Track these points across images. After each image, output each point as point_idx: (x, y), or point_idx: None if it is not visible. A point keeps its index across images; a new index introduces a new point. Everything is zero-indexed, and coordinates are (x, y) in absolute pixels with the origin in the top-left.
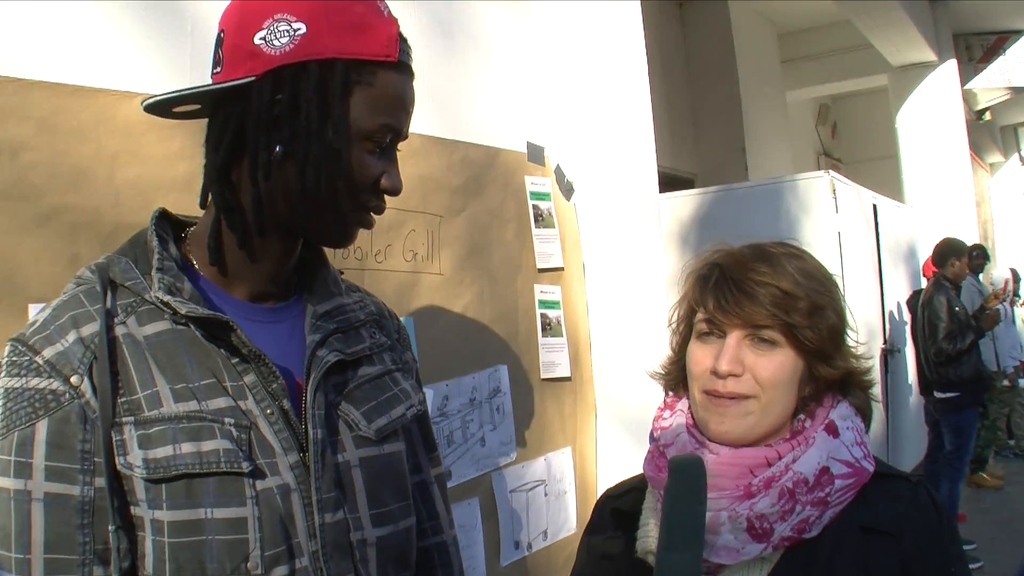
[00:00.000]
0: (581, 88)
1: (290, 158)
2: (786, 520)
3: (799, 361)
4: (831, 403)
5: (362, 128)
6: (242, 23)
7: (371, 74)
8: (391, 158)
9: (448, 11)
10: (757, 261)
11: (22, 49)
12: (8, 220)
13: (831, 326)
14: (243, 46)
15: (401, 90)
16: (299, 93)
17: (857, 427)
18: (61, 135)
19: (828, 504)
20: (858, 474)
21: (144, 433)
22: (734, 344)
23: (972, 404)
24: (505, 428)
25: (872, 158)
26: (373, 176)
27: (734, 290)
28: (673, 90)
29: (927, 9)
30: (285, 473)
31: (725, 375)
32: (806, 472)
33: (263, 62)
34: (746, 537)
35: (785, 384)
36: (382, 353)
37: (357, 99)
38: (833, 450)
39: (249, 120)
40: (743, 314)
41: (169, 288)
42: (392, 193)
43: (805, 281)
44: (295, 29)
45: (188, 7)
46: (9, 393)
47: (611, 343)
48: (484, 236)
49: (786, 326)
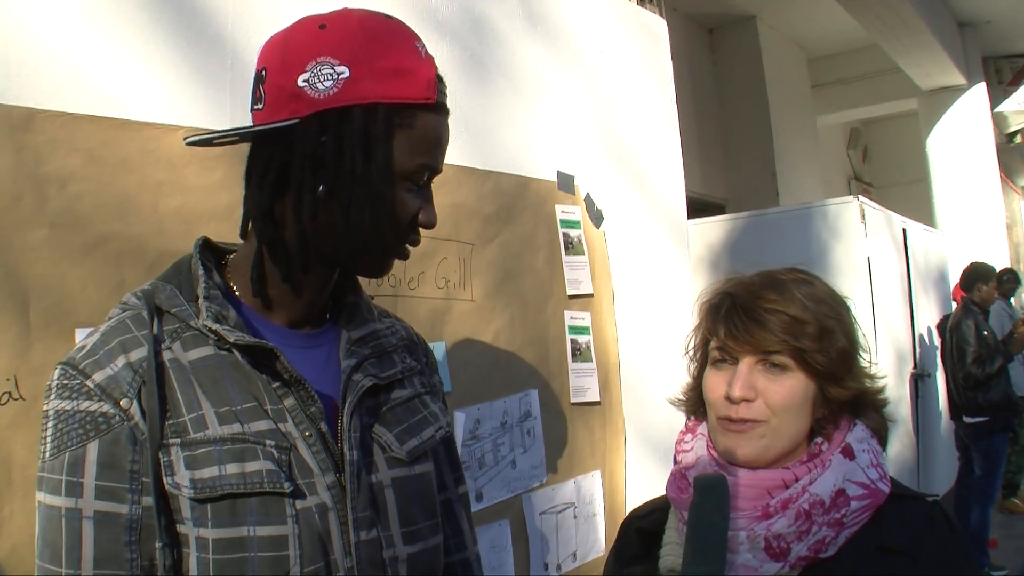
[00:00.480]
0: (611, 117)
1: (334, 198)
2: (803, 540)
3: (810, 384)
4: (848, 426)
5: (403, 169)
6: (285, 64)
7: (411, 117)
8: (427, 194)
9: (481, 44)
10: (766, 288)
11: (71, 84)
12: (57, 248)
13: (841, 348)
14: (286, 87)
15: (438, 130)
16: (343, 137)
17: (873, 449)
18: (107, 166)
19: (844, 525)
20: (874, 495)
21: (191, 454)
22: (746, 370)
23: (1002, 429)
24: (535, 451)
25: (903, 182)
26: (412, 213)
27: (744, 318)
28: (704, 116)
29: (956, 33)
30: (323, 493)
31: (738, 401)
32: (822, 494)
33: (307, 104)
34: (764, 556)
35: (797, 407)
36: (412, 377)
37: (398, 141)
38: (849, 472)
39: (294, 160)
40: (753, 341)
41: (216, 316)
42: (428, 227)
43: (814, 306)
44: (338, 73)
45: (228, 45)
46: (60, 415)
47: (640, 368)
48: (515, 263)
49: (796, 351)
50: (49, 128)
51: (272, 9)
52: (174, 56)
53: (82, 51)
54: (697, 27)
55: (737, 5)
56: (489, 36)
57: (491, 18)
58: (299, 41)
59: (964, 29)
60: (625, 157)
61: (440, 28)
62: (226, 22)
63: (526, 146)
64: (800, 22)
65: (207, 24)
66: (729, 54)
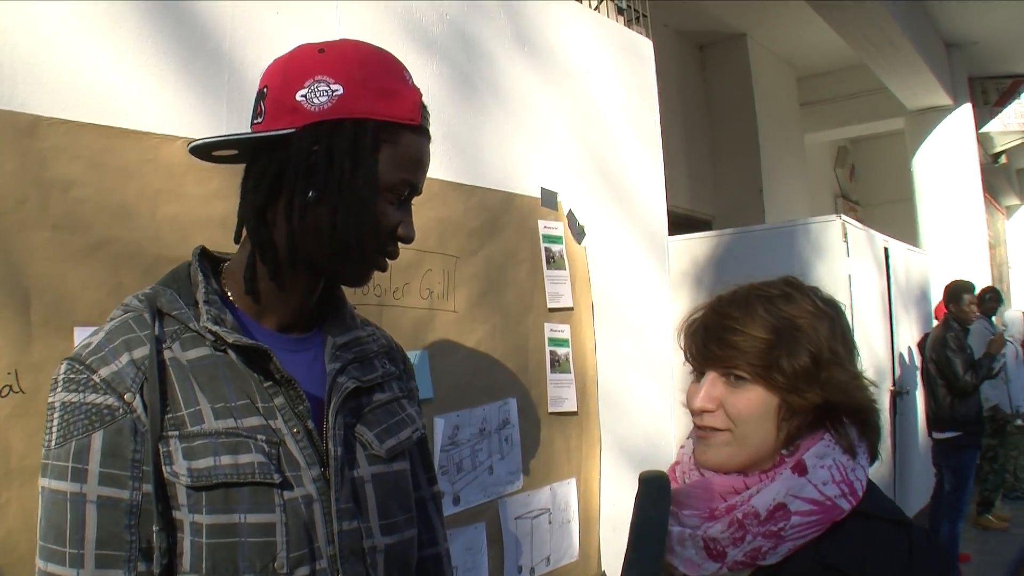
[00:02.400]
0: (595, 135)
1: (322, 202)
2: (737, 547)
3: (771, 396)
4: (815, 440)
5: (386, 181)
6: (285, 81)
7: (397, 134)
8: (407, 210)
9: (469, 62)
10: (731, 306)
11: (75, 93)
12: (58, 250)
13: (803, 364)
14: (285, 101)
15: (420, 151)
16: (334, 146)
17: (838, 464)
18: (108, 173)
19: (783, 538)
20: (826, 512)
21: (188, 446)
22: (708, 384)
23: (969, 445)
24: (513, 458)
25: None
26: (392, 224)
27: (705, 336)
28: (693, 132)
29: (943, 53)
30: (309, 485)
31: (698, 411)
32: (758, 507)
33: (303, 116)
34: (704, 555)
35: (757, 417)
36: (391, 381)
37: (384, 155)
38: (794, 488)
39: (288, 167)
40: (714, 357)
41: (216, 319)
42: (407, 241)
43: (775, 322)
44: (333, 90)
45: (226, 58)
46: (67, 406)
47: (618, 380)
48: (498, 276)
49: (751, 366)
50: (53, 135)
51: (269, 25)
52: (174, 68)
53: (86, 61)
54: (688, 44)
55: (727, 23)
56: (478, 55)
57: (480, 37)
58: (299, 62)
59: (951, 49)
60: (608, 174)
61: (430, 47)
62: (224, 36)
63: (511, 163)
64: (789, 41)
65: (206, 38)
66: (719, 71)
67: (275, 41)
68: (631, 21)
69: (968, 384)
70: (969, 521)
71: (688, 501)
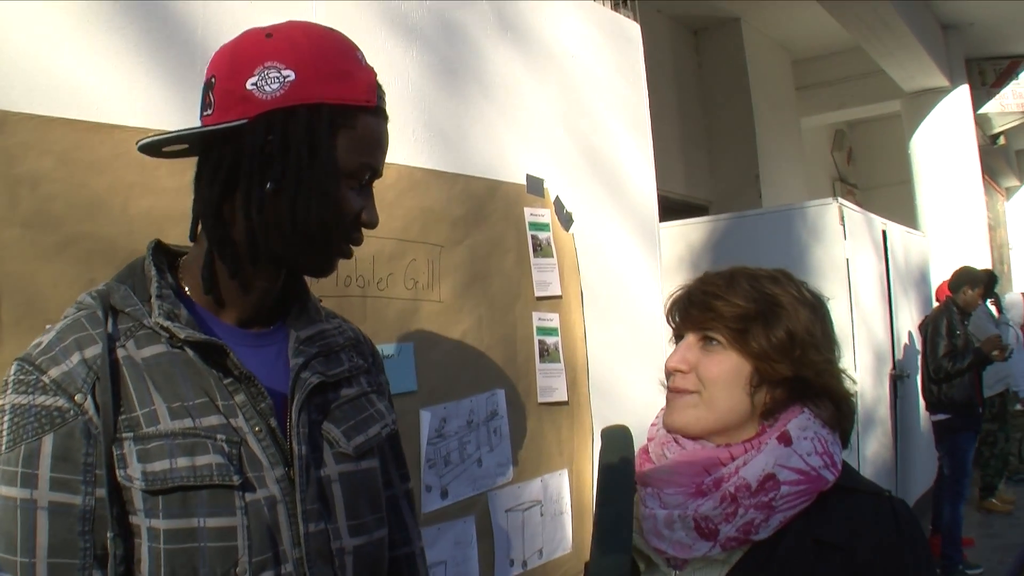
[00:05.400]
0: (583, 121)
1: (281, 193)
2: (730, 522)
3: (744, 363)
4: (795, 414)
5: (346, 167)
6: (233, 69)
7: (353, 117)
8: (369, 194)
9: (451, 48)
10: (718, 278)
11: (44, 87)
12: (29, 247)
13: (780, 337)
14: (235, 91)
15: (378, 132)
16: (289, 135)
17: (819, 436)
18: (79, 168)
19: (774, 509)
20: (812, 482)
21: (143, 448)
22: (684, 345)
23: (965, 428)
24: (502, 450)
25: (888, 183)
26: (355, 210)
27: (688, 301)
28: (688, 117)
29: (939, 35)
30: (272, 486)
31: (671, 371)
32: (749, 478)
33: (255, 106)
34: (695, 535)
35: (727, 381)
36: (359, 376)
37: (341, 140)
38: (782, 458)
39: (242, 159)
40: (692, 318)
41: (168, 314)
42: (370, 226)
43: (756, 294)
44: (284, 76)
45: (198, 50)
46: (16, 409)
47: (609, 368)
48: (484, 265)
49: (729, 330)
50: (22, 130)
51: (241, 15)
52: (145, 61)
53: (55, 55)
54: (682, 29)
55: (721, 7)
56: (460, 41)
57: (462, 23)
58: (247, 49)
59: (947, 31)
60: (596, 160)
61: (410, 33)
62: (196, 27)
63: (496, 150)
64: (784, 24)
65: (177, 30)
66: (713, 56)
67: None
68: (618, 4)
69: (941, 369)
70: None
71: (671, 478)
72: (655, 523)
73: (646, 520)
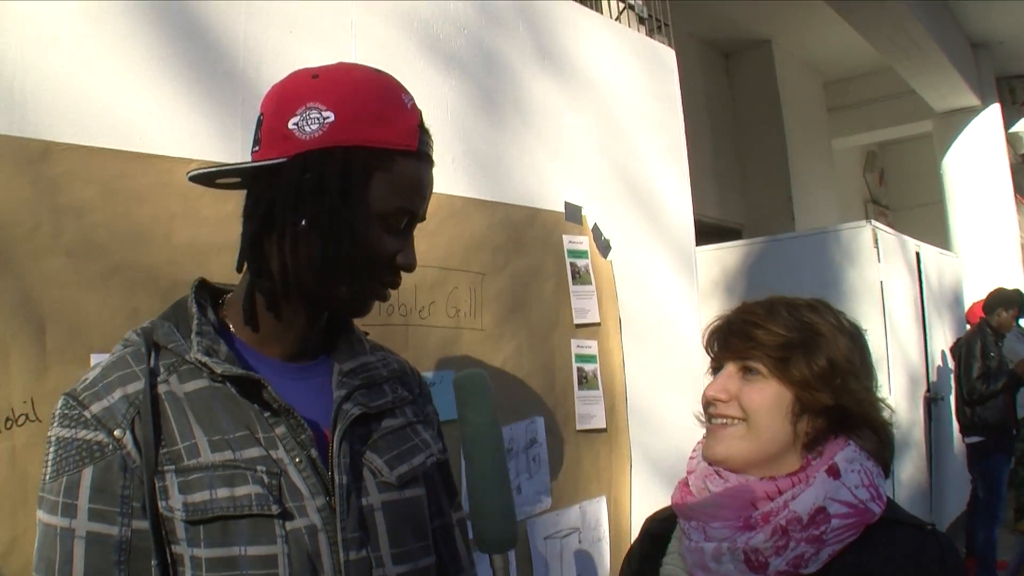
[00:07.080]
0: (620, 147)
1: (314, 231)
2: (781, 555)
3: (785, 392)
4: (840, 446)
5: (380, 209)
6: (278, 109)
7: (390, 160)
8: (408, 237)
9: (490, 77)
10: (755, 306)
11: (87, 118)
12: (74, 276)
13: (822, 366)
14: (278, 130)
15: (418, 177)
16: (324, 175)
17: (865, 469)
18: (123, 198)
19: (825, 542)
20: (860, 515)
21: (184, 480)
22: (725, 374)
23: (999, 450)
24: (541, 477)
25: (920, 204)
26: (389, 253)
27: (728, 331)
28: (720, 140)
29: (969, 54)
30: (313, 515)
31: (711, 400)
32: (800, 511)
33: (294, 145)
34: (744, 568)
35: (768, 410)
36: (404, 407)
37: (377, 183)
38: (832, 491)
39: (279, 196)
40: (732, 347)
41: (207, 350)
42: (407, 270)
43: (796, 323)
44: (324, 117)
45: (240, 80)
46: (60, 442)
47: (648, 395)
48: (524, 293)
49: (769, 359)
50: (66, 160)
51: (283, 44)
52: (187, 91)
53: (98, 86)
54: (713, 52)
55: (752, 30)
56: (497, 68)
57: (500, 51)
58: (293, 88)
59: (977, 50)
60: (633, 186)
61: (449, 62)
62: (238, 58)
63: (534, 177)
64: (815, 45)
65: (219, 60)
66: (745, 78)
67: (289, 60)
68: (653, 31)
69: (975, 391)
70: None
71: (716, 512)
72: (702, 556)
73: (691, 553)
